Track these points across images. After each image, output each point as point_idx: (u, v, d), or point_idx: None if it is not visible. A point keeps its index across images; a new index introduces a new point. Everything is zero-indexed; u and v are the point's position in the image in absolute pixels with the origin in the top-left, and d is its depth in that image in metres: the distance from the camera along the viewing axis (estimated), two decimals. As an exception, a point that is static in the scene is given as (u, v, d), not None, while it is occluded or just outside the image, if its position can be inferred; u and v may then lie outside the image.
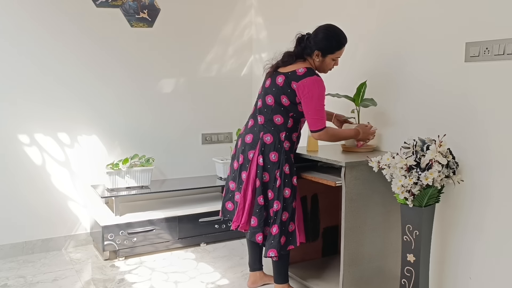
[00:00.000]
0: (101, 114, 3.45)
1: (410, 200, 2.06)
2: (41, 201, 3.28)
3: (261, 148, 2.41)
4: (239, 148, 2.52)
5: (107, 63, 3.43)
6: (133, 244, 3.19)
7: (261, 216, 2.41)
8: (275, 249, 2.38)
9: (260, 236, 2.42)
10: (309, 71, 2.37)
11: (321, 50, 2.41)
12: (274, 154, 2.41)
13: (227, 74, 3.94)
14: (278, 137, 2.42)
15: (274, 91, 2.42)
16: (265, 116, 2.45)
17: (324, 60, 2.45)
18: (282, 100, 2.40)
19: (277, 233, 2.38)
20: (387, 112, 2.67)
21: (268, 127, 2.43)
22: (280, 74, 2.42)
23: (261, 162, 2.40)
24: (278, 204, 2.39)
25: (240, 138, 2.53)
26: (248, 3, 3.96)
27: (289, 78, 2.38)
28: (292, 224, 2.44)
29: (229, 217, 2.59)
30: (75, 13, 3.28)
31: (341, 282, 2.33)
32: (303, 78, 2.35)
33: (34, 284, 2.78)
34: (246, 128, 2.53)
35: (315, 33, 2.44)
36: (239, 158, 2.50)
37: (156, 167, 3.62)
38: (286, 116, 2.42)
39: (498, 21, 2.04)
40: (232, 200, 2.56)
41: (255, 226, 2.41)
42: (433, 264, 2.36)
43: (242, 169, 2.48)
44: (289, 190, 2.41)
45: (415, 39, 2.46)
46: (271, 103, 2.43)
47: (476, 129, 2.16)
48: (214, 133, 3.93)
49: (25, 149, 3.21)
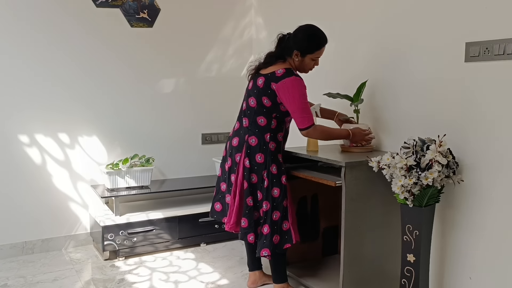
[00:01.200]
0: (101, 114, 3.45)
1: (410, 200, 2.06)
2: (41, 201, 3.28)
3: (247, 151, 2.44)
4: (228, 151, 2.56)
5: (107, 63, 3.43)
6: (133, 244, 3.19)
7: (251, 217, 2.44)
8: (267, 248, 2.41)
9: (252, 236, 2.45)
10: (287, 71, 2.39)
11: (300, 50, 2.42)
12: (260, 156, 2.44)
13: (227, 74, 3.94)
14: (263, 138, 2.45)
15: (256, 93, 2.44)
16: (249, 118, 2.48)
17: (304, 60, 2.45)
18: (263, 101, 2.42)
19: (269, 233, 2.41)
20: (387, 112, 2.67)
21: (253, 129, 2.46)
22: (260, 75, 2.45)
23: (248, 164, 2.43)
24: (267, 204, 2.42)
25: (228, 141, 2.57)
26: (248, 3, 3.96)
27: (269, 80, 2.40)
28: (286, 223, 2.46)
29: (216, 218, 2.66)
30: (75, 13, 3.27)
31: (341, 282, 2.33)
32: (282, 79, 2.37)
33: (34, 284, 2.78)
34: (233, 131, 2.57)
35: (294, 33, 2.46)
36: (228, 161, 2.54)
37: (156, 167, 3.62)
38: (269, 117, 2.44)
39: (498, 21, 2.04)
40: (221, 201, 2.62)
41: (246, 227, 2.45)
42: (433, 264, 2.36)
43: (231, 172, 2.52)
44: (278, 190, 2.44)
45: (415, 39, 2.46)
46: (253, 105, 2.46)
47: (476, 129, 2.16)
48: (214, 133, 3.93)
49: (25, 149, 3.20)
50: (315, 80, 3.23)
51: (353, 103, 2.61)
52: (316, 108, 2.67)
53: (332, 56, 2.87)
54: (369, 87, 2.70)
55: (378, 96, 2.72)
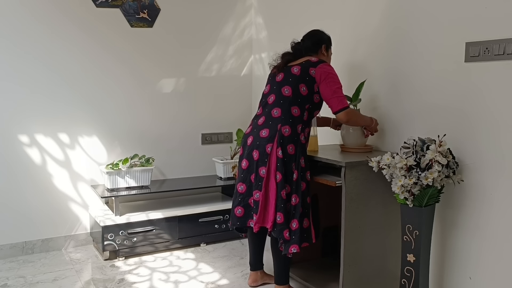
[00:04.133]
0: (101, 114, 3.45)
1: (410, 200, 2.06)
2: (41, 201, 3.28)
3: (279, 140, 2.36)
4: (250, 145, 2.44)
5: (107, 63, 3.43)
6: (133, 244, 3.19)
7: (286, 211, 2.33)
8: (297, 245, 2.32)
9: (287, 232, 2.33)
10: (321, 60, 2.49)
11: (325, 43, 2.58)
12: (292, 147, 2.37)
13: (227, 74, 3.94)
14: (295, 129, 2.40)
15: (291, 81, 2.43)
16: (282, 108, 2.41)
17: (328, 55, 2.61)
18: (300, 89, 2.41)
19: (297, 228, 2.33)
20: (388, 112, 2.67)
21: (286, 118, 2.40)
22: (293, 65, 2.48)
23: (280, 154, 2.35)
24: (296, 198, 2.35)
25: (251, 135, 2.46)
26: (248, 3, 3.96)
27: (306, 66, 2.44)
28: (306, 220, 2.38)
29: (239, 225, 2.50)
30: (75, 13, 3.28)
31: (341, 282, 2.33)
32: (319, 63, 2.44)
33: (34, 284, 2.78)
34: (257, 126, 2.47)
35: (309, 36, 2.59)
36: (253, 155, 2.42)
37: (156, 167, 3.62)
38: (303, 108, 2.43)
39: (498, 21, 2.04)
40: (241, 204, 2.48)
41: (282, 223, 2.32)
42: (433, 264, 2.36)
43: (260, 165, 2.39)
44: (305, 184, 2.39)
45: (415, 39, 2.46)
46: (288, 94, 2.42)
47: (476, 129, 2.16)
48: (214, 133, 3.93)
49: (25, 149, 3.20)
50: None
51: (352, 103, 2.61)
52: None
53: (332, 56, 2.85)
54: (369, 87, 2.70)
55: (378, 96, 2.72)
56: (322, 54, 2.57)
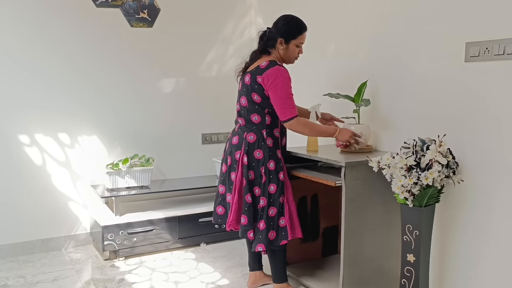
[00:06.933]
0: (101, 114, 3.45)
1: (410, 200, 2.06)
2: (41, 201, 3.28)
3: (246, 148, 2.45)
4: (227, 150, 2.56)
5: (107, 63, 3.43)
6: (133, 244, 3.19)
7: (250, 214, 2.45)
8: (262, 244, 2.42)
9: (251, 233, 2.46)
10: (271, 63, 2.42)
11: (283, 36, 2.45)
12: (259, 152, 2.45)
13: (228, 74, 3.94)
14: (260, 135, 2.46)
15: (245, 91, 2.46)
16: (244, 118, 2.50)
17: (288, 48, 2.47)
18: (253, 98, 2.44)
19: (264, 228, 2.43)
20: (387, 112, 2.67)
21: (249, 126, 2.48)
22: (247, 73, 2.48)
23: (246, 161, 2.44)
24: (264, 200, 2.44)
25: (228, 141, 2.58)
26: (248, 3, 3.96)
27: (254, 74, 2.42)
28: (282, 219, 2.47)
29: (220, 222, 2.62)
30: (75, 13, 3.27)
31: (341, 282, 2.33)
32: (265, 70, 2.39)
33: (34, 284, 2.78)
34: (233, 132, 2.59)
35: (275, 23, 2.52)
36: (227, 161, 2.54)
37: (156, 167, 3.62)
38: (262, 113, 2.45)
39: (498, 21, 2.03)
40: (222, 203, 2.60)
41: (246, 224, 2.45)
42: (433, 264, 2.36)
43: (231, 170, 2.51)
44: (275, 186, 2.45)
45: (415, 39, 2.46)
46: (245, 104, 2.48)
47: (476, 129, 2.16)
48: (214, 133, 3.93)
49: (25, 149, 3.20)
50: (315, 80, 3.24)
51: (358, 104, 2.59)
52: (316, 108, 2.66)
53: (332, 56, 2.87)
54: (369, 87, 2.69)
55: (378, 96, 2.71)
56: (281, 50, 2.46)
